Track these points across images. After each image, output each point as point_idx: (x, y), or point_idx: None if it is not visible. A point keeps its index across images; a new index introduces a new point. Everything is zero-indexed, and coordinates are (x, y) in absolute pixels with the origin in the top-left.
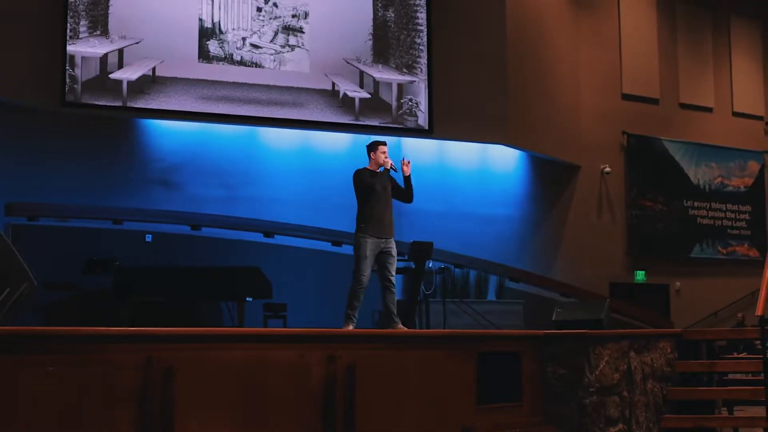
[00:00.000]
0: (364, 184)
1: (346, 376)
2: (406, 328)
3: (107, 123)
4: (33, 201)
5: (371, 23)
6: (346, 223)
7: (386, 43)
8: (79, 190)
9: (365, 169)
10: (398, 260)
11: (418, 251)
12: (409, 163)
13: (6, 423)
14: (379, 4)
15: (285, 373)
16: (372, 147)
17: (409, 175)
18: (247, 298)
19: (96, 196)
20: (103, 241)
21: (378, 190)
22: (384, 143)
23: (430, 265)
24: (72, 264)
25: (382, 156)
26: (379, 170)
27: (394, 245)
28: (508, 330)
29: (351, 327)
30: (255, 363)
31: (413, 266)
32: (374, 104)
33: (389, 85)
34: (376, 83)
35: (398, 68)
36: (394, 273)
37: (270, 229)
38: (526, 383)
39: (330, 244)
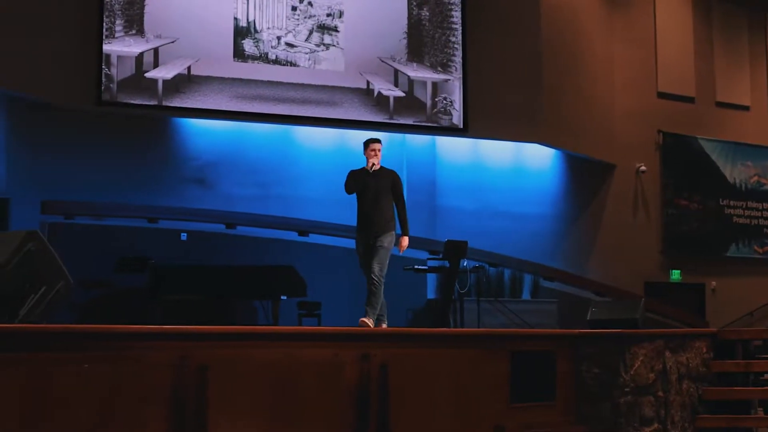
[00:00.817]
0: (345, 185)
1: (379, 374)
2: (371, 326)
3: (143, 122)
4: (69, 200)
5: (406, 22)
6: None
7: (421, 42)
8: (114, 189)
9: (361, 168)
10: (433, 259)
11: (453, 250)
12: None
13: (41, 420)
14: (414, 3)
15: (319, 372)
16: (364, 145)
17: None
18: (282, 297)
19: (131, 195)
20: (138, 239)
21: (360, 190)
22: (374, 140)
23: (465, 264)
24: (107, 262)
25: (372, 154)
26: (376, 168)
27: (383, 239)
28: (542, 329)
29: (384, 325)
30: (289, 361)
31: (447, 265)
32: (409, 103)
33: (424, 83)
34: (410, 82)
35: (433, 67)
36: (377, 267)
37: (304, 227)
38: (560, 382)
39: None
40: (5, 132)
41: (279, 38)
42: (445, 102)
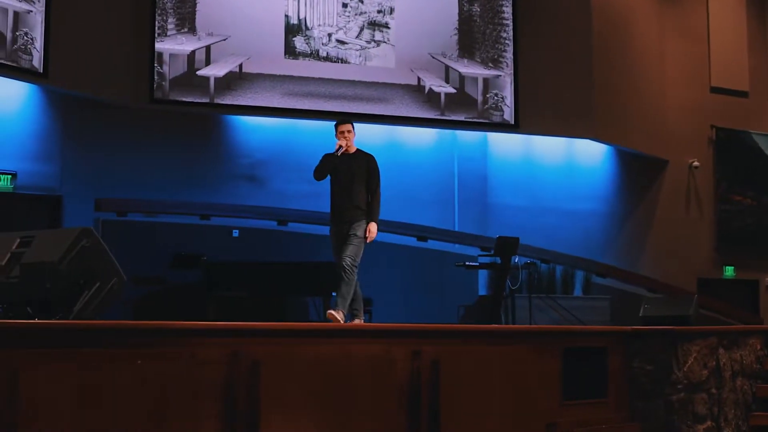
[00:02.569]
0: (314, 169)
1: (430, 371)
2: (341, 319)
3: (194, 119)
4: (122, 197)
5: (457, 18)
6: (432, 217)
7: (472, 38)
8: (167, 186)
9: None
10: (484, 256)
11: (504, 246)
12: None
13: (94, 415)
14: None
15: (370, 368)
16: (334, 128)
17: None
18: (333, 293)
19: (183, 192)
20: (190, 236)
21: (331, 175)
22: (344, 122)
23: (516, 261)
24: (160, 259)
25: (340, 136)
26: (350, 152)
27: (356, 227)
28: (595, 326)
29: (357, 320)
30: (340, 358)
31: (499, 261)
32: (460, 99)
33: (475, 79)
34: (461, 78)
35: (484, 63)
36: (348, 258)
37: None
38: (612, 379)
39: (415, 239)
40: (58, 130)
41: (330, 35)
42: (496, 98)
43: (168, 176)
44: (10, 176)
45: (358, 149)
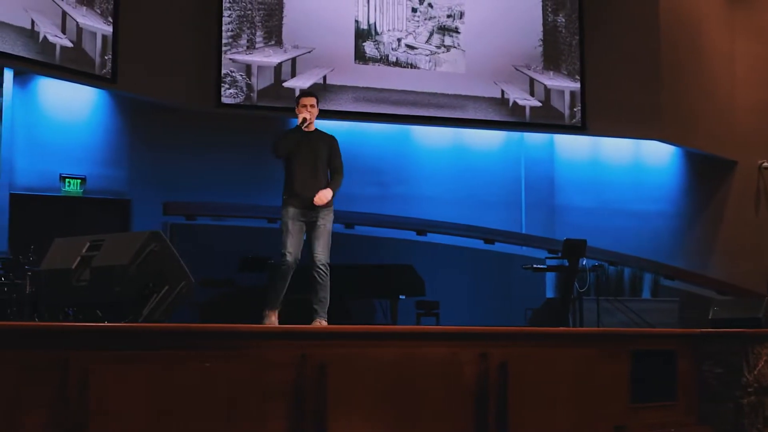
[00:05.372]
0: (274, 145)
1: (498, 373)
2: (325, 324)
3: (261, 123)
4: (190, 201)
5: (541, 29)
6: (499, 220)
7: (557, 49)
8: (234, 190)
9: (296, 128)
10: (552, 258)
11: (572, 249)
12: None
13: (164, 417)
14: (549, 9)
15: (437, 371)
16: (296, 102)
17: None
18: (400, 296)
19: (251, 196)
20: (258, 239)
21: (293, 152)
22: (306, 95)
23: (584, 263)
24: (227, 262)
25: (303, 110)
26: (310, 130)
27: (324, 215)
28: (663, 328)
29: (270, 314)
30: (407, 361)
31: (566, 264)
32: (545, 113)
33: (561, 92)
34: (546, 90)
35: (570, 75)
36: (322, 254)
37: (422, 226)
38: (681, 382)
39: (482, 241)
40: (127, 135)
41: (399, 40)
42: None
43: (235, 180)
44: (79, 181)
45: (317, 129)
